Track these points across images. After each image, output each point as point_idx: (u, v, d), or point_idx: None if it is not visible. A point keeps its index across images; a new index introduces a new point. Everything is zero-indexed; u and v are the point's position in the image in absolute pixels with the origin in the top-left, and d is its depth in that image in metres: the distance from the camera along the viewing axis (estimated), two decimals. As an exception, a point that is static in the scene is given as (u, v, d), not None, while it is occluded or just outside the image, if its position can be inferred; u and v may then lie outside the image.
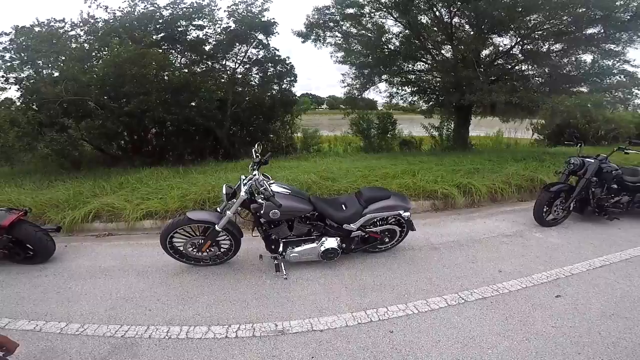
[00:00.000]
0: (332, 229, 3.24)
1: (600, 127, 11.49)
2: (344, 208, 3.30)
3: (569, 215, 4.40)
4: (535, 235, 4.07)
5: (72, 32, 7.80)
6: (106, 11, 8.25)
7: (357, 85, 11.03)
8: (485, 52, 9.43)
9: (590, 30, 7.94)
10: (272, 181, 3.18)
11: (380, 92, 11.60)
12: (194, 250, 3.26)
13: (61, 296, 2.94)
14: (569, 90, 9.04)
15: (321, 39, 10.33)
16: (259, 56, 10.26)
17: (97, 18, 8.09)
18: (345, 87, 11.24)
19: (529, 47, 8.87)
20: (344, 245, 3.27)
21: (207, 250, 3.27)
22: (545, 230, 4.21)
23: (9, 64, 6.94)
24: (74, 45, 7.24)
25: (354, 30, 10.12)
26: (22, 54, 6.91)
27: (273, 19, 9.54)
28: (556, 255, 3.54)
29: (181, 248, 3.26)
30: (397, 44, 10.02)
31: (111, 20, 8.09)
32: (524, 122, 12.28)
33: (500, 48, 9.33)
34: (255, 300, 2.81)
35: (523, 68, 9.34)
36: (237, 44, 9.64)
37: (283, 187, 3.15)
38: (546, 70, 8.87)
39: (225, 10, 9.14)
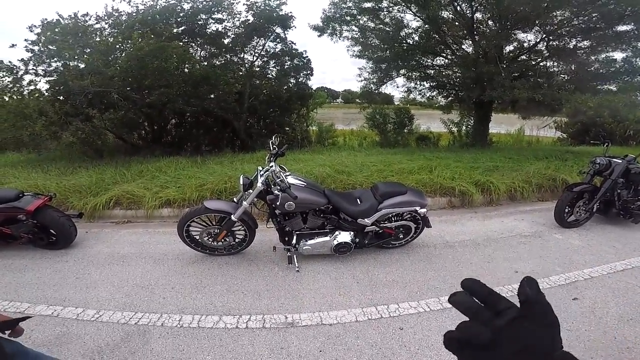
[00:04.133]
0: (346, 223, 3.23)
1: (628, 127, 11.01)
2: (359, 202, 3.29)
3: (592, 217, 4.25)
4: (555, 236, 3.95)
5: (97, 25, 7.93)
6: (129, 4, 8.39)
7: (374, 80, 10.85)
8: (508, 48, 9.11)
9: (621, 28, 7.55)
10: (288, 173, 3.20)
11: (397, 87, 11.41)
12: (210, 239, 3.32)
13: (80, 282, 3.03)
14: (596, 89, 8.66)
15: (337, 33, 10.19)
16: (277, 49, 10.29)
17: (121, 11, 8.23)
18: (361, 81, 11.09)
19: (554, 43, 8.50)
20: (357, 239, 3.27)
21: (223, 240, 3.32)
22: (566, 231, 4.08)
23: (37, 57, 7.13)
24: (98, 39, 7.37)
25: (371, 25, 9.93)
26: (50, 47, 7.11)
27: (290, 12, 9.58)
28: (576, 258, 3.44)
29: (197, 237, 3.33)
30: (416, 38, 9.78)
31: (134, 14, 8.21)
32: (546, 119, 11.87)
33: (525, 44, 8.99)
34: (267, 292, 2.85)
35: (548, 64, 8.98)
36: (255, 38, 9.68)
37: (299, 179, 3.16)
38: (572, 67, 8.51)
39: (244, 4, 9.23)
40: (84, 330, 2.40)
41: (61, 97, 7.26)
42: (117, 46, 7.49)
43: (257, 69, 10.30)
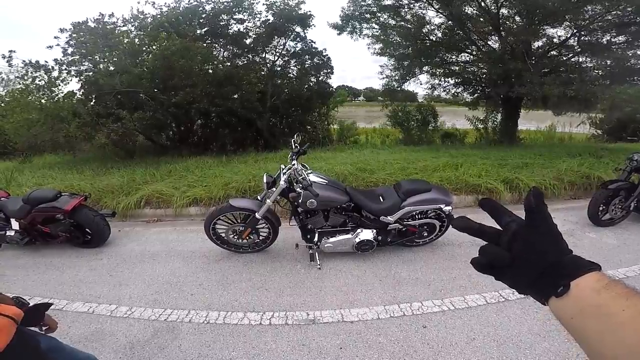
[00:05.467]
0: (368, 221, 3.22)
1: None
2: (382, 200, 3.26)
3: (629, 216, 4.01)
4: (589, 235, 3.77)
5: (124, 28, 8.24)
6: (154, 7, 8.70)
7: (397, 77, 10.73)
8: (537, 44, 8.72)
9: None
10: (310, 171, 3.22)
11: (421, 84, 11.23)
12: (235, 237, 3.40)
13: (113, 279, 3.16)
14: (634, 84, 8.17)
15: (357, 31, 10.15)
16: (297, 49, 10.44)
17: (146, 14, 8.53)
18: (383, 78, 11.00)
19: (587, 38, 8.10)
20: (379, 237, 3.24)
21: (247, 238, 3.39)
22: (600, 230, 3.88)
23: (70, 58, 7.47)
24: (126, 41, 7.65)
25: (392, 22, 9.80)
26: (81, 49, 7.44)
27: (309, 11, 9.66)
28: (610, 257, 3.27)
29: (223, 235, 3.41)
30: (439, 35, 9.60)
31: (158, 16, 8.47)
32: (578, 116, 11.31)
33: (554, 39, 8.59)
34: (289, 289, 2.88)
35: (580, 60, 8.53)
36: (276, 37, 9.84)
37: (320, 177, 3.17)
38: (607, 62, 8.06)
39: (263, 4, 9.35)
40: (116, 326, 2.49)
41: (93, 97, 7.62)
42: (144, 48, 7.76)
43: (279, 69, 10.43)
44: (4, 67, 7.63)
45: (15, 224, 3.59)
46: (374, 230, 3.22)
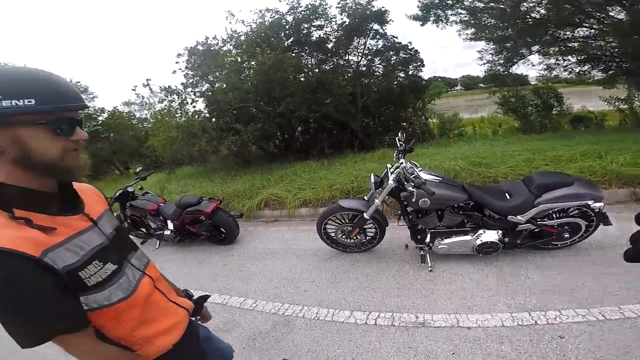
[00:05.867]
0: (492, 221, 2.92)
1: None
2: (508, 197, 2.91)
3: None
4: None
5: (225, 48, 9.12)
6: (244, 24, 9.45)
7: (500, 61, 9.63)
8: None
9: None
10: (420, 168, 3.08)
11: (533, 65, 9.72)
12: (343, 236, 3.51)
13: (242, 274, 3.58)
14: None
15: (442, 19, 9.42)
16: (379, 46, 10.28)
17: (239, 32, 9.25)
18: (484, 64, 10.01)
19: None
20: (506, 239, 2.91)
21: (355, 238, 3.46)
22: None
23: (191, 80, 8.59)
24: (230, 59, 8.43)
25: (480, 4, 8.77)
26: (198, 71, 8.51)
27: (383, 7, 9.41)
28: None
29: (333, 234, 3.55)
30: (543, 11, 8.16)
31: (249, 33, 9.18)
32: None
33: None
34: (396, 290, 2.84)
35: None
36: (355, 38, 9.81)
37: (432, 175, 3.02)
38: None
39: (336, 7, 9.46)
40: (243, 318, 2.81)
41: (215, 114, 8.71)
42: (245, 64, 8.50)
43: (364, 68, 10.41)
44: (146, 93, 9.11)
45: (170, 225, 4.40)
46: (500, 232, 2.91)
